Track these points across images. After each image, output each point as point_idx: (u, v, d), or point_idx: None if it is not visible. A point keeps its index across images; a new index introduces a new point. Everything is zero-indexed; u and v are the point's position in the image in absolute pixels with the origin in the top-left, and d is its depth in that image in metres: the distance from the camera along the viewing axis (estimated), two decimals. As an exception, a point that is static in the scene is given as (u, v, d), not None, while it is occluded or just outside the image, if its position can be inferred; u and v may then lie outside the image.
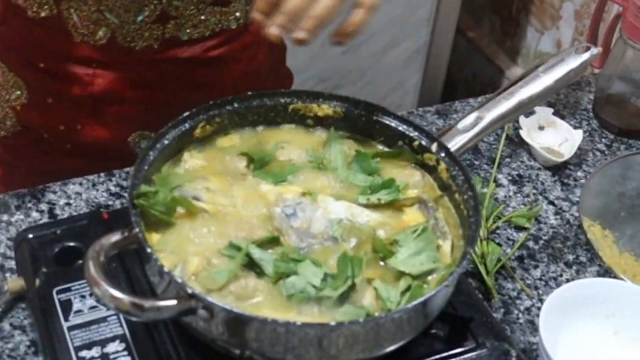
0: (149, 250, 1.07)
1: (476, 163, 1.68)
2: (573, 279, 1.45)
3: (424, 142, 1.30)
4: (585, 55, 1.35)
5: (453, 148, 1.28)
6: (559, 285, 1.40)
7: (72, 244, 1.31)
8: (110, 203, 1.49)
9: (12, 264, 1.35)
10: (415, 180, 1.29)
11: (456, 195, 1.25)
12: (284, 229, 1.18)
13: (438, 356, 1.20)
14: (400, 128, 1.32)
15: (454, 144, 1.28)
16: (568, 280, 1.45)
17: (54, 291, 1.25)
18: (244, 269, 1.12)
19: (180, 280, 1.05)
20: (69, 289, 1.25)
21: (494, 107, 1.31)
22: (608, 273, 1.44)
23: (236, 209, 1.21)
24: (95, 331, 1.20)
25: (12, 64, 1.58)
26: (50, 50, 1.52)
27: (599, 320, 1.32)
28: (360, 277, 1.11)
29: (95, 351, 1.18)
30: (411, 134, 1.31)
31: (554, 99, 1.87)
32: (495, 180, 1.63)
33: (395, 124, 1.32)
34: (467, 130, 1.30)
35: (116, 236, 1.10)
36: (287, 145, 1.32)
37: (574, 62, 1.34)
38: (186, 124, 1.27)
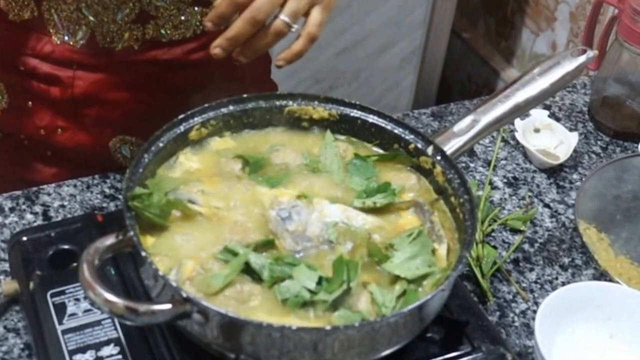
0: (143, 254, 1.07)
1: (472, 165, 1.68)
2: (569, 282, 1.45)
3: (419, 145, 1.29)
4: (581, 58, 1.34)
5: (449, 151, 1.27)
6: (555, 288, 1.40)
7: (66, 246, 1.31)
8: (104, 205, 1.49)
9: (6, 266, 1.35)
10: (411, 184, 1.28)
11: (452, 199, 1.24)
12: (279, 233, 1.18)
13: (434, 360, 1.20)
14: (396, 131, 1.31)
15: (450, 147, 1.28)
16: (564, 284, 1.45)
17: (48, 294, 1.24)
18: (240, 273, 1.12)
19: (174, 284, 1.05)
20: (63, 292, 1.25)
21: (489, 110, 1.31)
22: (603, 276, 1.43)
23: (231, 212, 1.21)
24: (90, 334, 1.20)
25: None
26: (31, 53, 1.51)
27: (595, 324, 1.31)
28: (355, 281, 1.11)
29: (89, 355, 1.18)
30: (407, 137, 1.30)
31: (550, 102, 1.87)
32: (490, 183, 1.63)
33: (390, 127, 1.32)
34: (463, 133, 1.30)
35: (111, 239, 1.09)
36: (283, 148, 1.31)
37: (570, 65, 1.34)
38: (181, 127, 1.27)
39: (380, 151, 1.33)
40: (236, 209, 1.21)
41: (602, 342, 1.32)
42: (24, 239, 1.32)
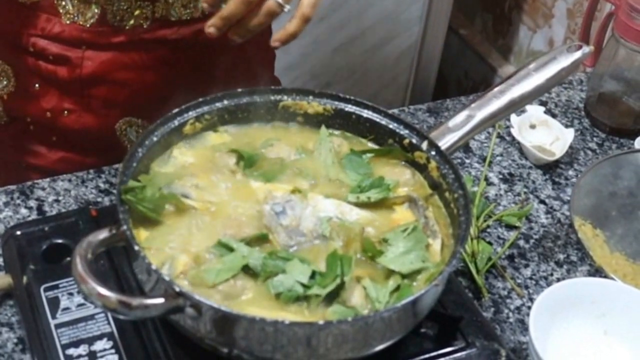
0: (136, 248, 1.07)
1: (467, 161, 1.67)
2: (564, 279, 1.44)
3: (414, 140, 1.29)
4: (577, 54, 1.34)
5: (444, 146, 1.27)
6: (550, 284, 1.40)
7: (60, 241, 1.30)
8: (99, 200, 1.49)
9: (0, 260, 1.34)
10: (406, 179, 1.28)
11: (446, 194, 1.24)
12: (273, 227, 1.18)
13: (427, 355, 1.20)
14: (391, 126, 1.31)
15: (445, 142, 1.28)
16: (558, 280, 1.45)
17: (42, 288, 1.24)
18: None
19: (167, 278, 1.05)
20: (56, 286, 1.24)
21: (485, 106, 1.31)
22: (599, 272, 1.43)
23: (225, 206, 1.21)
24: (83, 329, 1.20)
25: (0, 51, 1.57)
26: (40, 34, 1.51)
27: (589, 320, 1.31)
28: (349, 276, 1.11)
29: (82, 349, 1.17)
30: (401, 132, 1.30)
31: (546, 98, 1.86)
32: (486, 179, 1.63)
33: (385, 122, 1.32)
34: (458, 128, 1.29)
35: (104, 233, 1.09)
36: (277, 142, 1.31)
37: (565, 61, 1.34)
38: (175, 121, 1.26)
39: (375, 146, 1.33)
40: (230, 204, 1.21)
41: (597, 338, 1.32)
42: (18, 233, 1.31)
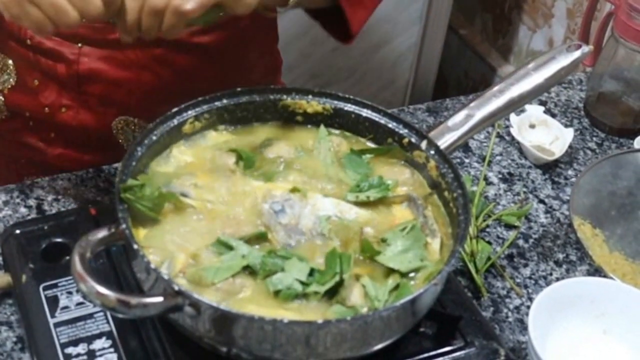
0: (135, 247, 1.07)
1: (466, 161, 1.67)
2: (563, 278, 1.44)
3: (413, 140, 1.29)
4: (577, 54, 1.34)
5: (443, 146, 1.27)
6: (549, 284, 1.40)
7: (60, 240, 1.31)
8: (98, 199, 1.49)
9: (-1, 259, 1.35)
10: (405, 178, 1.28)
11: (445, 193, 1.24)
12: (272, 226, 1.18)
13: (426, 354, 1.20)
14: (390, 125, 1.31)
15: (444, 142, 1.28)
16: (558, 279, 1.45)
17: (41, 287, 1.24)
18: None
19: (166, 277, 1.05)
20: (55, 285, 1.24)
21: (484, 105, 1.31)
22: (598, 272, 1.43)
23: (224, 205, 1.21)
24: (82, 328, 1.20)
25: (2, 44, 1.57)
26: None
27: (588, 319, 1.31)
28: (348, 273, 1.11)
29: (81, 348, 1.17)
30: (401, 131, 1.30)
31: (545, 97, 1.86)
32: (485, 178, 1.63)
33: (384, 121, 1.32)
34: (457, 127, 1.29)
35: (103, 232, 1.09)
36: (276, 141, 1.31)
37: (565, 60, 1.34)
38: (175, 120, 1.27)
39: (374, 145, 1.33)
40: (229, 203, 1.21)
41: (596, 338, 1.32)
42: (18, 232, 1.32)
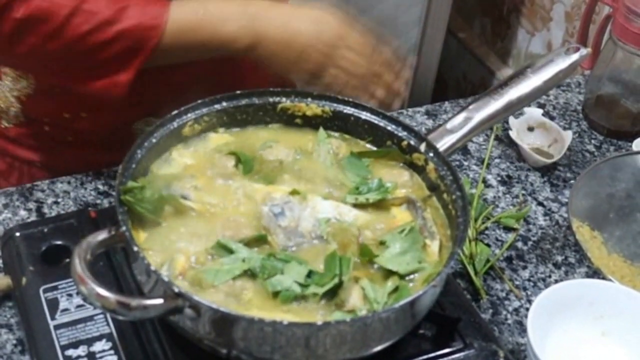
0: (135, 249, 1.07)
1: (465, 163, 1.68)
2: (562, 280, 1.45)
3: (412, 142, 1.30)
4: (575, 56, 1.35)
5: (442, 148, 1.28)
6: (548, 286, 1.40)
7: (60, 242, 1.31)
8: (98, 202, 1.49)
9: (-1, 262, 1.35)
10: (404, 180, 1.29)
11: (444, 196, 1.25)
12: (271, 228, 1.18)
13: (426, 356, 1.20)
14: (389, 128, 1.31)
15: (443, 144, 1.28)
16: (557, 281, 1.45)
17: (41, 289, 1.24)
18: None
19: (167, 279, 1.05)
20: (55, 288, 1.25)
21: (483, 108, 1.31)
22: (597, 274, 1.44)
23: (224, 208, 1.21)
24: (82, 330, 1.20)
25: None
26: None
27: (587, 321, 1.32)
28: (347, 275, 1.11)
29: (81, 350, 1.18)
30: (400, 134, 1.31)
31: (544, 100, 1.87)
32: (484, 181, 1.63)
33: (383, 124, 1.32)
34: (456, 130, 1.30)
35: (103, 234, 1.09)
36: (275, 144, 1.31)
37: (563, 63, 1.34)
38: (174, 123, 1.27)
39: (373, 148, 1.33)
40: (229, 205, 1.22)
41: (594, 340, 1.32)
42: (18, 234, 1.32)
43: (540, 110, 1.76)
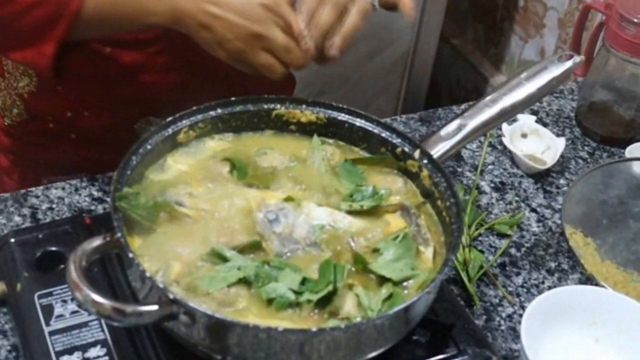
0: (130, 255, 1.07)
1: (459, 170, 1.68)
2: (555, 287, 1.45)
3: (406, 149, 1.30)
4: (568, 63, 1.35)
5: (436, 155, 1.28)
6: (541, 292, 1.41)
7: (54, 248, 1.31)
8: (92, 208, 1.49)
9: (-6, 268, 1.35)
10: (398, 187, 1.29)
11: (438, 202, 1.25)
12: (266, 235, 1.18)
13: (420, 362, 1.21)
14: (383, 135, 1.32)
15: (437, 151, 1.29)
16: (550, 288, 1.45)
17: (36, 296, 1.24)
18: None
19: (161, 285, 1.05)
20: (50, 294, 1.25)
21: (476, 115, 1.32)
22: (590, 281, 1.44)
23: (219, 214, 1.21)
24: (77, 336, 1.20)
25: None
26: None
27: (580, 328, 1.32)
28: (342, 282, 1.11)
29: (76, 356, 1.18)
30: (394, 141, 1.31)
31: (537, 107, 1.87)
32: (477, 187, 1.64)
33: (378, 131, 1.32)
34: (450, 137, 1.30)
35: (98, 240, 1.09)
36: (270, 151, 1.32)
37: (556, 70, 1.35)
38: (169, 129, 1.27)
39: (367, 154, 1.34)
40: (223, 212, 1.22)
41: (588, 346, 1.32)
42: (12, 240, 1.32)
43: (534, 117, 1.76)
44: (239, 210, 1.22)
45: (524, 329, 1.24)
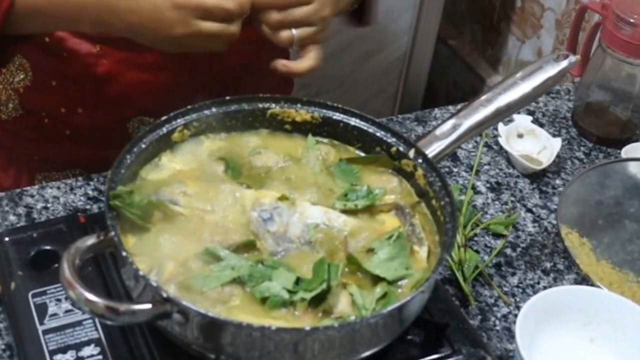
0: (124, 254, 1.07)
1: (455, 170, 1.68)
2: (550, 287, 1.45)
3: (401, 148, 1.30)
4: (564, 63, 1.35)
5: (431, 154, 1.28)
6: (536, 292, 1.40)
7: (49, 247, 1.31)
8: (87, 207, 1.49)
9: (-12, 267, 1.35)
10: (393, 186, 1.29)
11: (433, 202, 1.25)
12: (260, 233, 1.18)
13: (414, 362, 1.21)
14: (378, 134, 1.32)
15: (432, 150, 1.29)
16: (545, 288, 1.45)
17: (30, 294, 1.24)
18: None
19: (155, 284, 1.05)
20: (44, 293, 1.25)
21: (472, 114, 1.31)
22: (585, 281, 1.44)
23: (213, 213, 1.21)
24: (71, 335, 1.20)
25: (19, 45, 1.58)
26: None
27: (576, 328, 1.32)
28: (336, 281, 1.11)
29: (70, 355, 1.18)
30: (389, 140, 1.31)
31: (533, 107, 1.87)
32: (473, 187, 1.64)
33: (373, 130, 1.32)
34: (445, 136, 1.30)
35: (92, 239, 1.09)
36: (264, 150, 1.31)
37: (552, 70, 1.34)
38: (164, 128, 1.27)
39: (362, 154, 1.34)
40: (218, 211, 1.22)
41: (583, 346, 1.32)
42: (7, 239, 1.32)
43: (530, 117, 1.76)
44: (233, 209, 1.22)
45: (518, 329, 1.23)
